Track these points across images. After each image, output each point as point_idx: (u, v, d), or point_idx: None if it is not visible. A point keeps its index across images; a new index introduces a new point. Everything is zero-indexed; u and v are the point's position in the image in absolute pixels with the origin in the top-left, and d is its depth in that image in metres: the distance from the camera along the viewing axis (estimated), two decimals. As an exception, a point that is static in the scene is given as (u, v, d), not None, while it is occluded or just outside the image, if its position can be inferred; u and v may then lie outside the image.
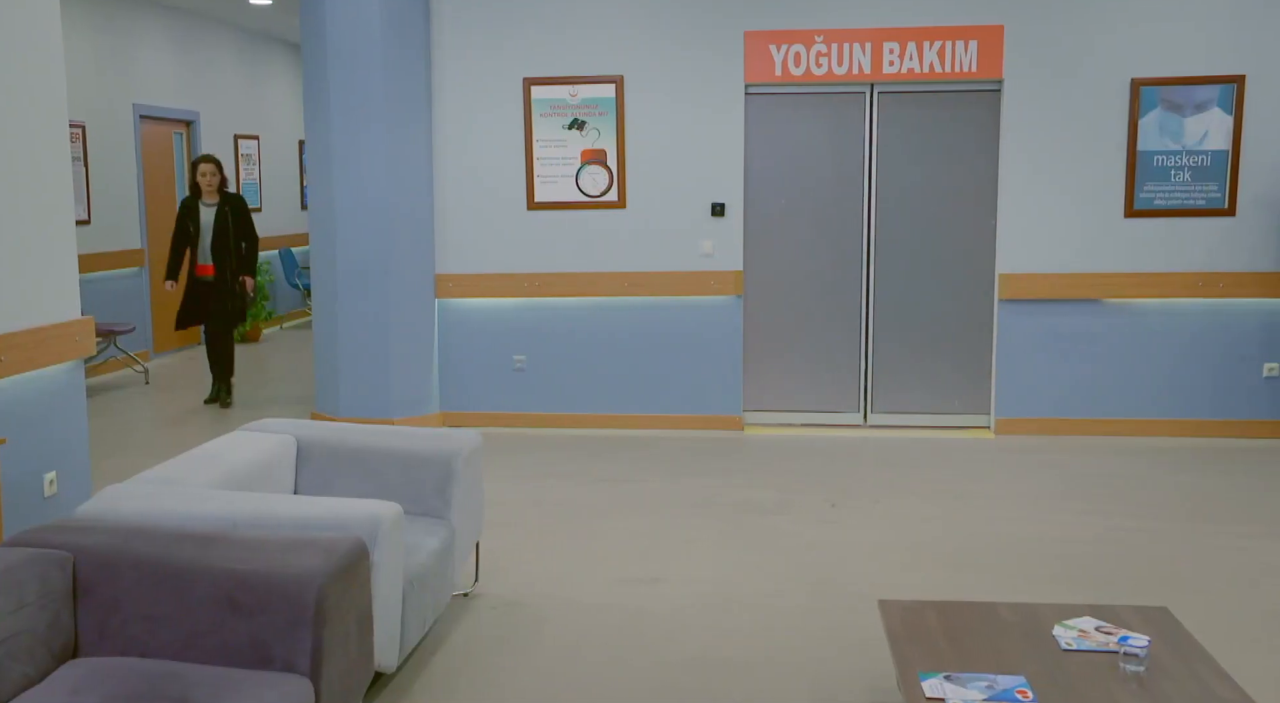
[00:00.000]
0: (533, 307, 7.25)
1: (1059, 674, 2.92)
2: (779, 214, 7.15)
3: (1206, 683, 2.85)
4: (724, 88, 6.98)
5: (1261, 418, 6.81)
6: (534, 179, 7.16)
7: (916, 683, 2.88)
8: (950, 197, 7.02)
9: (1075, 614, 3.28)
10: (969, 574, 4.56)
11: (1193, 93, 6.65)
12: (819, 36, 6.87)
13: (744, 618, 4.13)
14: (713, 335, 7.15)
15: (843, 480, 6.00)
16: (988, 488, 5.84)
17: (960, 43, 6.79)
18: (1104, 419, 6.92)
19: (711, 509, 5.50)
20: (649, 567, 4.69)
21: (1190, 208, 6.73)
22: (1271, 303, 6.71)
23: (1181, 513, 5.37)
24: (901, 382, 7.19)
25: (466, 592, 4.34)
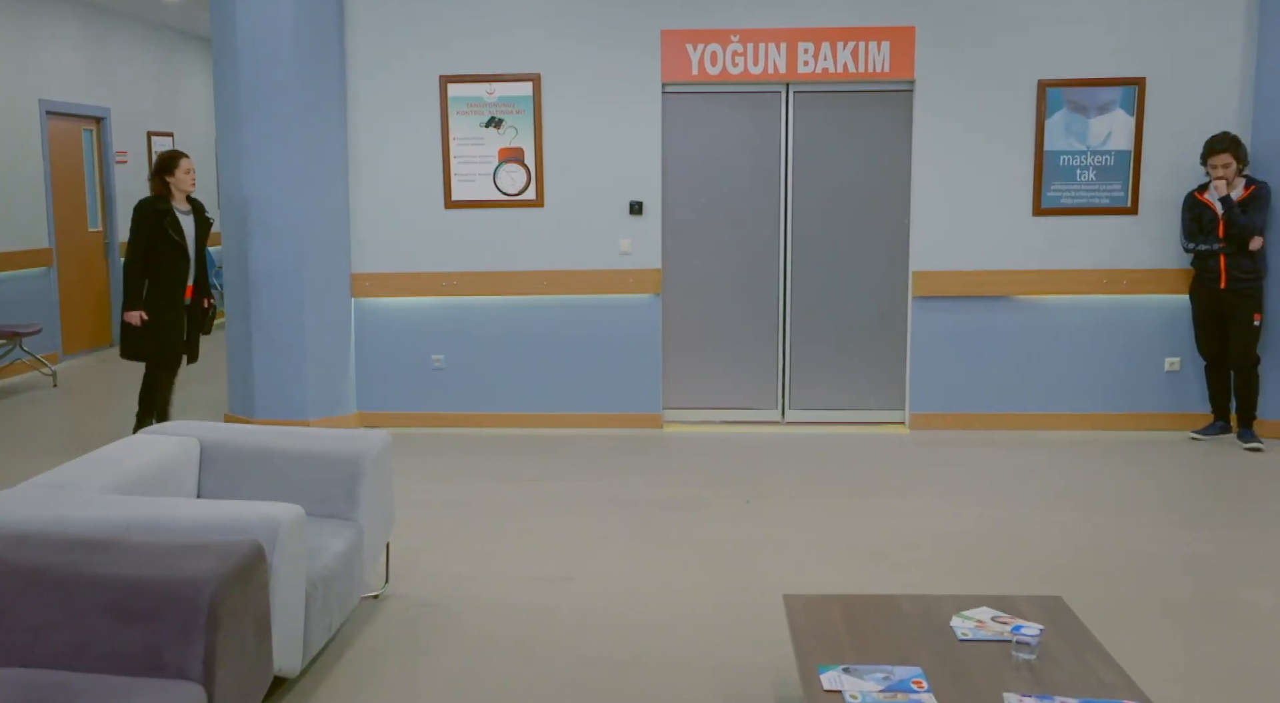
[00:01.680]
0: (451, 306, 7.21)
1: (954, 664, 2.97)
2: (697, 213, 7.19)
3: (1094, 669, 2.93)
4: (641, 86, 7.00)
5: (1163, 411, 7.00)
6: (451, 177, 7.11)
7: (815, 676, 2.92)
8: (865, 195, 7.11)
9: (974, 605, 3.34)
10: (878, 568, 4.63)
11: (1096, 94, 6.82)
12: (735, 36, 6.92)
13: (654, 615, 4.15)
14: (631, 334, 7.17)
15: (759, 477, 6.05)
16: (901, 483, 5.93)
17: (873, 43, 6.88)
18: (1014, 414, 7.06)
19: (627, 508, 5.51)
20: (562, 566, 4.69)
21: (1095, 207, 6.90)
22: (1172, 299, 6.90)
23: (1084, 504, 5.50)
24: (818, 379, 7.27)
25: (376, 593, 4.31)
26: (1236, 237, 6.42)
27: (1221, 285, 6.51)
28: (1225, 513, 5.38)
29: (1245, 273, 6.47)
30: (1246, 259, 6.46)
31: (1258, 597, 4.28)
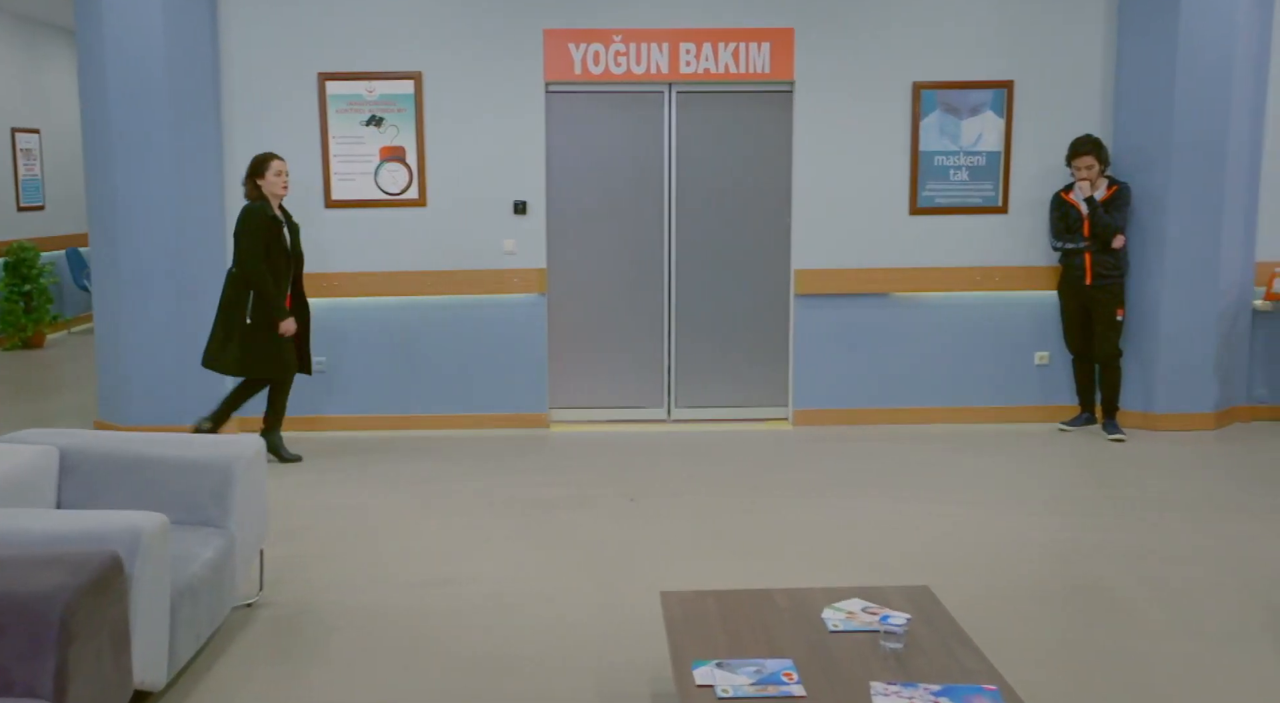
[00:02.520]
0: (332, 307, 7.08)
1: (824, 656, 3.03)
2: (582, 212, 7.19)
3: (957, 656, 3.01)
4: (524, 85, 6.97)
5: (1034, 404, 7.24)
6: (331, 176, 6.99)
7: (688, 672, 2.95)
8: (748, 194, 7.20)
9: (846, 597, 3.41)
10: (758, 563, 4.69)
11: (968, 97, 7.01)
12: (617, 36, 6.94)
13: (535, 615, 4.14)
14: (517, 334, 7.14)
15: (644, 475, 6.08)
16: (783, 478, 6.02)
17: (753, 44, 6.96)
18: (893, 408, 7.22)
19: (511, 508, 5.49)
20: (443, 568, 4.65)
21: (968, 206, 7.10)
22: (1041, 295, 7.13)
23: (957, 495, 5.66)
24: (703, 376, 7.34)
25: (250, 602, 4.21)
26: (1100, 235, 6.66)
27: (1087, 282, 6.75)
28: (1089, 502, 5.59)
29: (1109, 270, 6.72)
30: (1110, 257, 6.71)
31: (1120, 582, 4.45)
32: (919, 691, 2.79)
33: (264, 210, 6.02)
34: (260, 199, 6.09)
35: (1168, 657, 3.74)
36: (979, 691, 2.80)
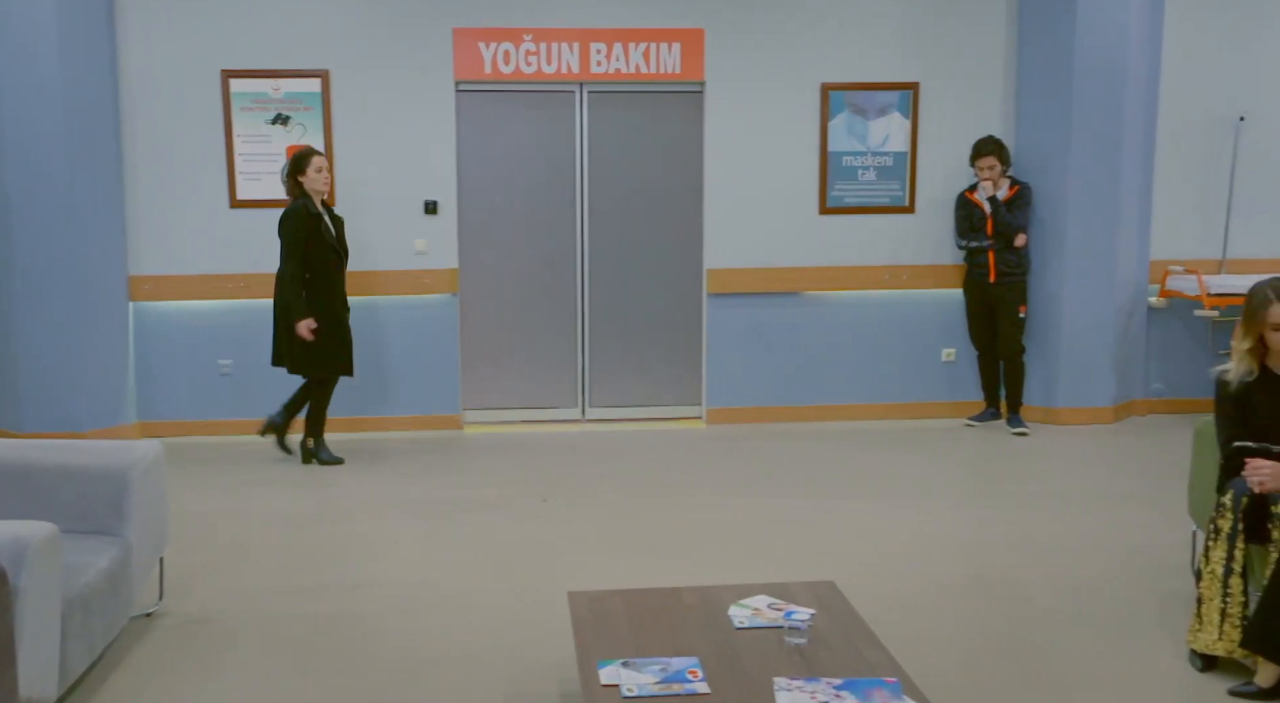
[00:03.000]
0: (239, 309, 6.94)
1: (730, 652, 3.05)
2: (493, 212, 7.15)
3: (860, 650, 3.05)
4: (434, 84, 6.91)
5: (942, 400, 7.38)
6: (235, 176, 6.85)
7: (594, 671, 2.95)
8: (660, 194, 7.22)
9: (752, 594, 3.44)
10: (669, 561, 4.71)
11: (875, 98, 7.12)
12: (528, 35, 6.91)
13: (444, 618, 4.11)
14: (428, 335, 7.07)
15: (558, 476, 6.07)
16: (695, 477, 6.05)
17: (664, 45, 6.99)
18: (805, 406, 7.31)
19: (423, 510, 5.44)
20: (351, 572, 4.59)
21: (876, 206, 7.21)
22: (948, 293, 7.27)
23: (867, 491, 5.75)
24: (618, 376, 7.34)
25: (149, 612, 4.11)
26: (1003, 234, 6.82)
27: (991, 280, 6.90)
28: (993, 495, 5.72)
29: (1011, 268, 6.88)
30: (1012, 255, 6.87)
31: (1020, 573, 4.55)
32: (821, 685, 2.83)
33: (304, 209, 5.99)
34: (302, 196, 6.04)
35: (1065, 645, 3.84)
36: (880, 683, 2.85)
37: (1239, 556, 3.55)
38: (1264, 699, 3.40)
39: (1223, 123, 7.28)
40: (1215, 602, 3.57)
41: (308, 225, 5.98)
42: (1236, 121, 7.25)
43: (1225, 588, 3.55)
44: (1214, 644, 3.57)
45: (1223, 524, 3.59)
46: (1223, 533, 3.58)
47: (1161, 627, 3.97)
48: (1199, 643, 3.62)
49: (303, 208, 5.99)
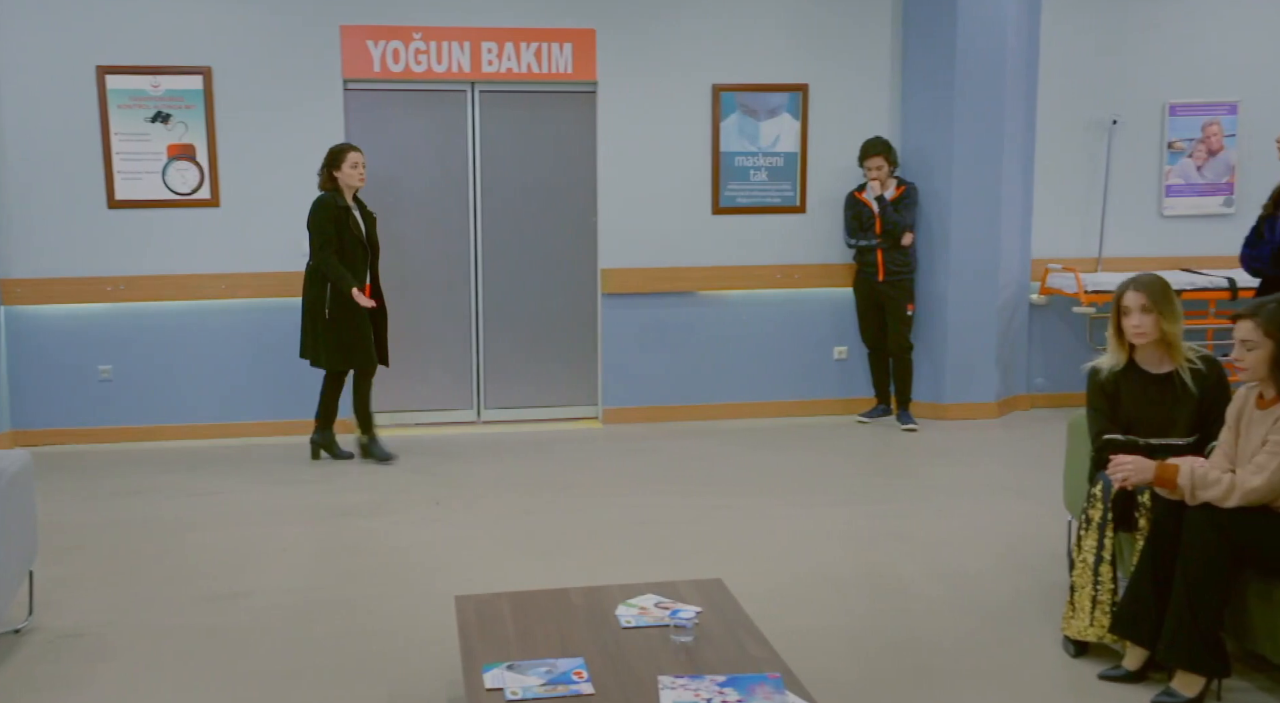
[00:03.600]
0: (119, 312, 6.72)
1: (616, 652, 3.06)
2: (384, 212, 7.01)
3: (744, 646, 3.09)
4: (322, 82, 6.78)
5: (834, 397, 7.49)
6: (114, 175, 6.64)
7: (479, 675, 2.93)
8: (554, 194, 7.20)
9: (640, 593, 3.45)
10: (561, 562, 4.70)
11: (765, 99, 7.20)
12: (417, 33, 6.82)
13: (329, 626, 4.03)
14: (319, 337, 6.94)
15: (451, 478, 6.01)
16: (590, 477, 6.05)
17: (556, 45, 6.97)
18: (700, 405, 7.35)
19: (310, 516, 5.33)
20: (235, 581, 4.48)
21: (768, 206, 7.29)
22: (838, 292, 7.38)
23: (759, 488, 5.81)
24: (513, 377, 7.30)
25: (18, 628, 3.95)
26: (890, 233, 6.95)
27: (879, 278, 7.03)
28: (882, 490, 5.83)
29: (899, 267, 7.02)
30: (900, 254, 7.01)
31: (906, 566, 4.65)
32: (705, 682, 2.85)
33: (333, 200, 6.01)
34: (334, 189, 6.05)
35: (946, 636, 3.93)
36: (763, 679, 2.88)
37: (1109, 544, 3.67)
38: (1131, 682, 3.53)
39: (1098, 125, 7.53)
40: (1087, 589, 3.69)
41: (336, 216, 5.99)
42: (1110, 124, 7.51)
43: (1096, 576, 3.68)
44: (1086, 631, 3.69)
45: (1093, 514, 3.71)
46: (1093, 523, 3.70)
47: (1039, 615, 4.08)
48: (1072, 630, 3.73)
49: (331, 199, 6.02)
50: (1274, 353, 3.29)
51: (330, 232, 5.99)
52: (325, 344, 6.10)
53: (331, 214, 6.00)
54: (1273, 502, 3.29)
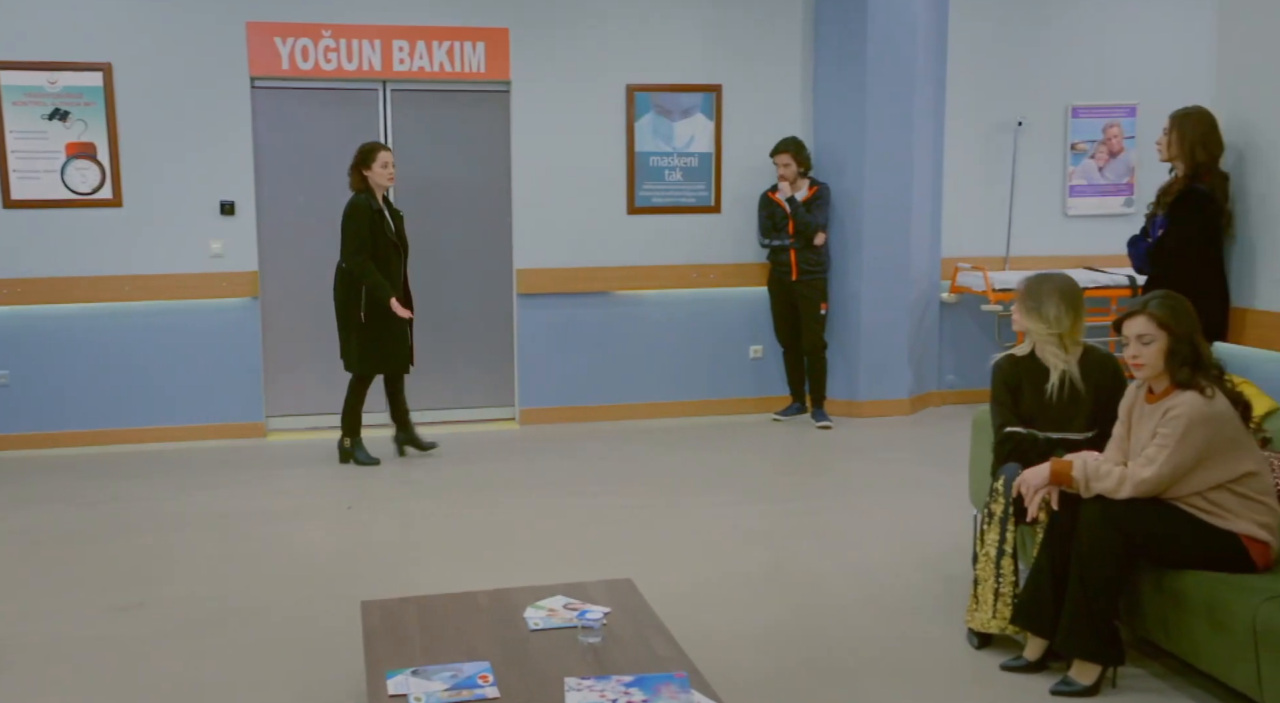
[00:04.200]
0: (15, 315, 6.52)
1: (523, 655, 3.04)
2: (295, 212, 6.94)
3: (652, 646, 3.09)
4: (228, 80, 6.66)
5: (749, 396, 7.55)
6: (9, 175, 6.44)
7: (382, 682, 2.89)
8: (468, 195, 7.15)
9: (549, 595, 3.43)
10: (472, 564, 4.66)
11: (679, 99, 7.23)
12: (326, 31, 6.73)
13: (233, 635, 3.95)
14: (228, 340, 6.80)
15: (364, 481, 5.94)
16: (505, 478, 6.02)
17: (469, 44, 6.92)
18: (617, 405, 7.36)
19: (218, 522, 5.23)
20: (137, 591, 4.37)
21: (682, 205, 7.32)
22: (753, 291, 7.44)
23: (674, 488, 5.83)
24: (428, 378, 7.22)
25: (-95, 644, 3.82)
26: (803, 233, 7.02)
27: (793, 278, 7.10)
28: (796, 488, 5.89)
29: (812, 266, 7.09)
30: (813, 253, 7.08)
31: (817, 563, 4.69)
32: (611, 683, 2.85)
33: (367, 203, 5.96)
34: (364, 190, 5.98)
35: (854, 631, 3.98)
36: (669, 678, 2.88)
37: (1010, 537, 3.75)
38: (1032, 672, 3.60)
39: (1004, 127, 7.69)
40: (990, 582, 3.76)
41: (371, 219, 5.92)
42: (1016, 126, 7.68)
43: (998, 569, 3.75)
44: (989, 623, 3.76)
45: (995, 508, 3.78)
46: (995, 517, 3.78)
47: (944, 608, 4.15)
48: (975, 622, 3.80)
49: (365, 201, 5.96)
50: (1169, 345, 3.38)
51: (365, 235, 5.92)
52: (359, 348, 6.04)
53: (366, 217, 5.93)
54: (1164, 493, 3.39)
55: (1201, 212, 4.48)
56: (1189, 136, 4.51)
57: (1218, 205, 4.49)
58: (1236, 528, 3.32)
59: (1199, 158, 4.49)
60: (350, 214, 5.96)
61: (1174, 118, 4.60)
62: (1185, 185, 4.53)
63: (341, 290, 6.05)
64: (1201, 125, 4.50)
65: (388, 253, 6.03)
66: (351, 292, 5.99)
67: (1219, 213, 4.50)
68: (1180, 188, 4.56)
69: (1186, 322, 3.38)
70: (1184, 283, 4.11)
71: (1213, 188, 4.49)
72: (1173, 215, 4.55)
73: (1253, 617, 3.06)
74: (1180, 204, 4.53)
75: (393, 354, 6.12)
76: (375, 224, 5.97)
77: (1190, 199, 4.50)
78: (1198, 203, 4.48)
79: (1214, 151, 4.50)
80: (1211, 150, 4.49)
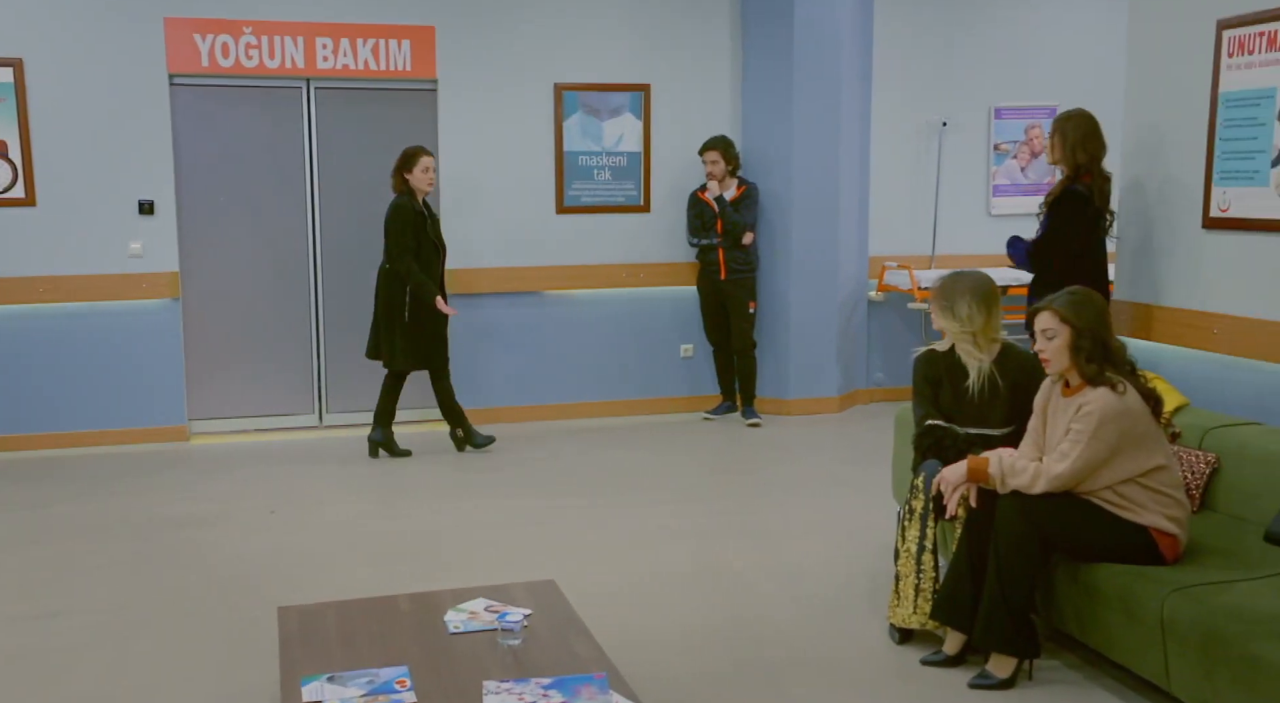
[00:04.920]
0: (-74, 318, 6.34)
1: (442, 659, 3.01)
2: (217, 212, 6.81)
3: (572, 647, 3.08)
4: (146, 77, 6.51)
5: (680, 395, 7.56)
6: (-83, 172, 6.25)
7: (297, 689, 2.84)
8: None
9: (471, 597, 3.40)
10: (397, 568, 4.61)
11: (608, 99, 7.22)
12: (247, 27, 6.62)
13: (149, 644, 3.87)
14: (148, 342, 6.66)
15: (289, 485, 5.85)
16: (433, 480, 5.97)
17: (394, 42, 6.85)
18: (548, 405, 7.33)
19: (135, 529, 5.11)
20: (49, 601, 4.26)
21: (612, 205, 7.32)
22: (683, 290, 7.45)
23: (602, 488, 5.82)
24: (358, 380, 7.12)
25: None
26: (731, 232, 7.05)
27: (722, 277, 7.12)
28: (725, 486, 5.91)
29: (741, 265, 7.12)
30: (741, 253, 7.11)
31: (744, 561, 4.71)
32: (530, 685, 2.83)
33: (410, 205, 6.11)
34: (406, 193, 6.12)
35: (779, 628, 4.00)
36: (589, 679, 2.87)
37: (931, 533, 3.79)
38: (951, 666, 3.65)
39: (929, 127, 7.79)
40: (910, 578, 3.80)
41: (415, 222, 6.08)
42: (941, 126, 7.78)
43: (919, 565, 3.79)
44: (910, 618, 3.80)
45: (916, 504, 3.82)
46: (916, 513, 3.82)
47: (867, 605, 4.19)
48: (897, 618, 3.84)
49: (409, 204, 6.11)
50: (1072, 339, 3.44)
51: (409, 237, 6.07)
52: (403, 345, 6.19)
53: (410, 220, 6.08)
54: (1077, 488, 3.45)
55: (1079, 212, 4.59)
56: (1070, 139, 4.63)
57: (1095, 206, 4.59)
58: (1146, 521, 3.39)
59: (1078, 160, 4.61)
60: (394, 216, 6.10)
61: (1056, 121, 4.74)
62: (1065, 186, 4.64)
63: (386, 290, 6.18)
64: (1081, 129, 4.61)
65: (429, 254, 6.19)
66: (397, 291, 6.13)
67: (1098, 214, 4.60)
68: (1060, 189, 4.67)
69: (1089, 316, 3.44)
70: (1062, 281, 4.25)
71: (1092, 189, 4.59)
72: (1052, 215, 4.67)
73: (1160, 608, 3.13)
74: (1058, 204, 4.64)
75: (437, 351, 6.31)
76: (418, 226, 6.11)
77: (1068, 200, 4.61)
78: (1075, 204, 4.59)
79: (1094, 153, 4.61)
80: (1091, 152, 4.60)
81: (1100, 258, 4.66)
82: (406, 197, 6.13)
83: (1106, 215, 4.63)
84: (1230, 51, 4.25)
